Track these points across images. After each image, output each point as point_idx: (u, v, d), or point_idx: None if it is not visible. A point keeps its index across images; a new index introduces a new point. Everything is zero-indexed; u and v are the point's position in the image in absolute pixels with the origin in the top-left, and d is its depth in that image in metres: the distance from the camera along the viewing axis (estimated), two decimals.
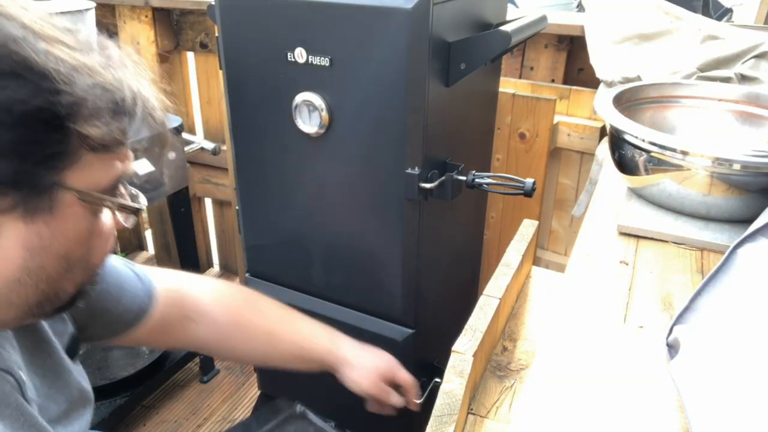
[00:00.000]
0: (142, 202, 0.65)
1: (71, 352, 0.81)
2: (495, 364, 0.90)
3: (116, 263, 0.92)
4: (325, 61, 1.05)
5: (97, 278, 0.69)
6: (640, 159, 1.03)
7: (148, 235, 2.86)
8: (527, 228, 1.10)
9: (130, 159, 0.61)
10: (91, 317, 0.87)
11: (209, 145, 2.00)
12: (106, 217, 0.62)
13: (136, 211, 0.64)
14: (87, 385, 0.82)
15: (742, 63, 1.43)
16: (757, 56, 1.43)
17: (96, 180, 0.58)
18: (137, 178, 0.68)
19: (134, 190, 0.65)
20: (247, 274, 1.43)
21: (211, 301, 1.04)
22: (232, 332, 1.05)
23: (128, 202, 0.63)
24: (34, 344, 0.74)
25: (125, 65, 0.59)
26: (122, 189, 0.63)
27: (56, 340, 0.78)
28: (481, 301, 0.88)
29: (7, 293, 0.57)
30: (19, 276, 0.57)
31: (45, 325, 0.76)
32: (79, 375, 0.81)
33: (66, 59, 0.53)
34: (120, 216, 0.64)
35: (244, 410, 2.02)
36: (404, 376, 1.15)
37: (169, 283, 1.00)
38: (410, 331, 1.27)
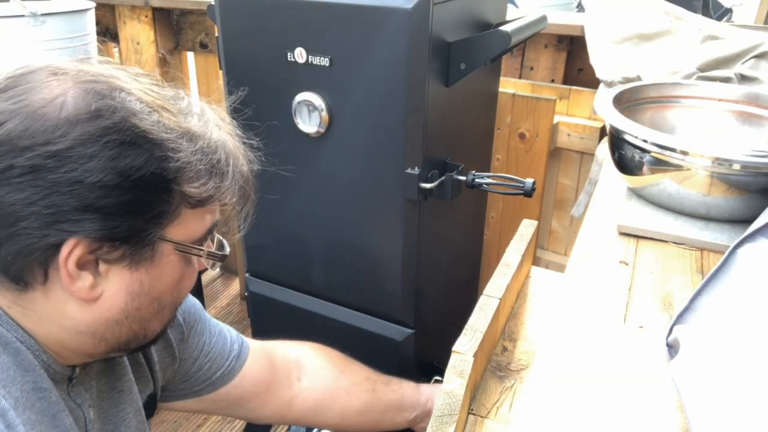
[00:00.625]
0: (227, 249, 0.71)
1: (147, 410, 0.82)
2: (495, 364, 0.90)
3: (204, 315, 0.92)
4: (325, 61, 1.05)
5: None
6: (640, 159, 1.03)
7: None
8: (527, 228, 1.10)
9: (217, 211, 0.69)
10: (178, 371, 0.87)
11: None
12: (195, 262, 0.69)
13: (223, 258, 0.70)
14: None
15: (742, 63, 1.44)
16: (757, 56, 1.43)
17: (191, 233, 0.65)
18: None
19: (219, 237, 0.71)
20: (247, 274, 1.43)
21: (310, 354, 1.02)
22: (339, 382, 1.02)
23: (215, 251, 0.69)
24: (108, 389, 0.75)
25: (218, 126, 0.67)
26: (210, 238, 0.69)
27: (136, 387, 0.78)
28: (481, 301, 0.88)
29: (104, 331, 0.64)
30: (119, 318, 0.63)
31: (129, 371, 0.77)
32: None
33: (173, 127, 0.61)
34: (208, 263, 0.70)
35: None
36: None
37: (260, 343, 0.98)
38: (410, 331, 1.27)
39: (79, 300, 0.60)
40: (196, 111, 0.66)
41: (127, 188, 0.57)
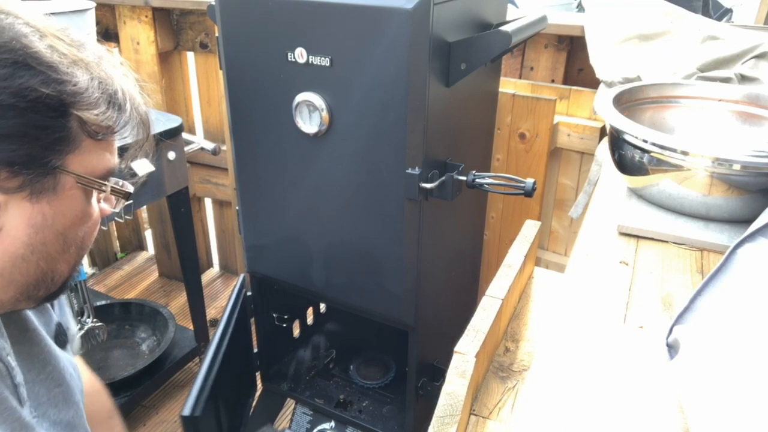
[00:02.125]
0: (130, 187, 0.70)
1: (59, 341, 0.82)
2: (497, 364, 0.90)
3: None
4: (325, 61, 1.05)
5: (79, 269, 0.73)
6: (640, 159, 1.03)
7: (148, 235, 2.86)
8: (530, 229, 1.11)
9: (116, 153, 0.68)
10: None
11: (209, 145, 2.00)
12: (96, 203, 0.69)
13: (127, 195, 0.69)
14: (75, 372, 0.82)
15: (742, 63, 1.44)
16: (757, 56, 1.43)
17: (92, 166, 0.64)
18: (136, 176, 0.72)
19: (120, 181, 0.70)
20: (247, 274, 1.43)
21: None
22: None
23: (119, 186, 0.68)
24: (20, 332, 0.74)
25: (114, 65, 0.66)
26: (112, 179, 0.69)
27: (43, 329, 0.79)
28: (484, 301, 0.88)
29: (11, 269, 0.62)
30: (23, 252, 0.62)
31: (31, 315, 0.77)
32: (69, 363, 0.81)
33: (67, 54, 0.60)
34: (109, 202, 0.70)
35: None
36: None
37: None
38: (410, 331, 1.27)
39: None
40: (93, 50, 0.65)
41: (22, 109, 0.56)
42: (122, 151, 0.71)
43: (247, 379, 1.45)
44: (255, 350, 1.55)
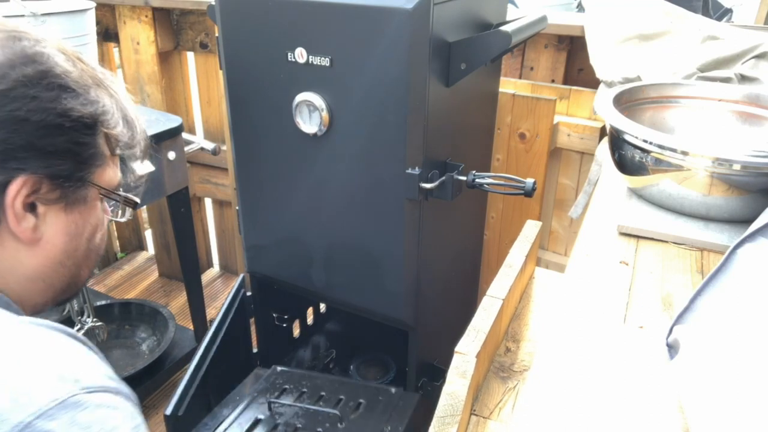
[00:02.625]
0: (137, 198, 0.77)
1: None
2: (498, 365, 0.90)
3: None
4: (325, 61, 1.05)
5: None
6: (640, 159, 1.03)
7: (148, 235, 2.86)
8: (530, 229, 1.11)
9: (119, 166, 0.74)
10: None
11: (209, 145, 2.00)
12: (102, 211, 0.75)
13: (135, 205, 0.76)
14: None
15: (742, 63, 1.44)
16: (757, 56, 1.43)
17: (109, 179, 0.70)
18: (139, 177, 0.81)
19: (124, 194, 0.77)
20: (246, 274, 1.43)
21: None
22: None
23: (131, 197, 0.75)
24: None
25: (119, 85, 0.72)
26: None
27: None
28: (485, 301, 0.88)
29: (51, 275, 0.67)
30: (62, 259, 0.67)
31: None
32: None
33: (92, 76, 0.66)
34: (116, 212, 0.76)
35: None
36: None
37: None
38: (410, 331, 1.27)
39: (25, 243, 0.63)
40: (102, 71, 0.71)
41: (67, 128, 0.61)
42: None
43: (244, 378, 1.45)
44: (255, 350, 1.55)
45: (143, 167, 0.79)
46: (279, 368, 1.34)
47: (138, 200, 0.77)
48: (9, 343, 0.54)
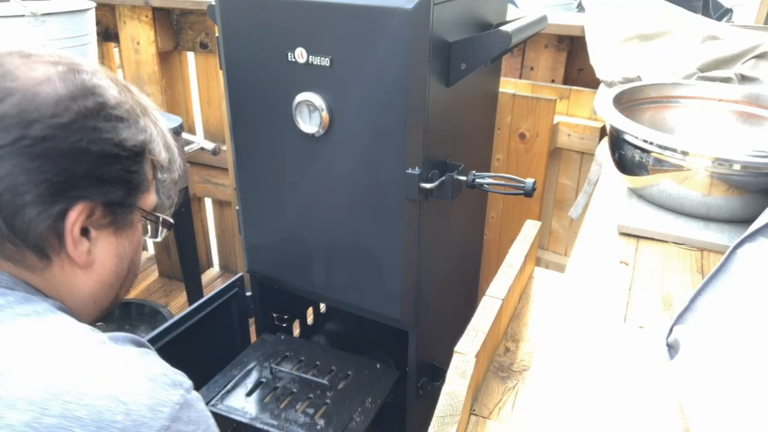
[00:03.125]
0: (172, 220, 0.80)
1: None
2: (497, 364, 0.90)
3: None
4: (325, 61, 1.05)
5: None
6: (641, 159, 1.03)
7: None
8: (530, 229, 1.11)
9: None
10: None
11: (209, 145, 2.00)
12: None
13: (170, 226, 0.79)
14: None
15: (742, 63, 1.44)
16: (757, 56, 1.43)
17: (151, 203, 0.73)
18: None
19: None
20: (247, 274, 1.43)
21: None
22: None
23: (168, 218, 0.78)
24: None
25: (155, 110, 0.74)
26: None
27: None
28: (484, 301, 0.88)
29: (102, 296, 0.70)
30: (112, 281, 0.70)
31: None
32: None
33: (141, 104, 0.70)
34: (153, 232, 0.79)
35: None
36: None
37: None
38: (410, 331, 1.27)
39: (81, 266, 0.66)
40: (142, 95, 0.73)
41: (121, 158, 0.65)
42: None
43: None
44: None
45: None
46: (282, 336, 1.50)
47: (173, 222, 0.80)
48: (109, 361, 0.57)
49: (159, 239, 0.80)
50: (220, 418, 1.26)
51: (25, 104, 0.59)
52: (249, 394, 1.31)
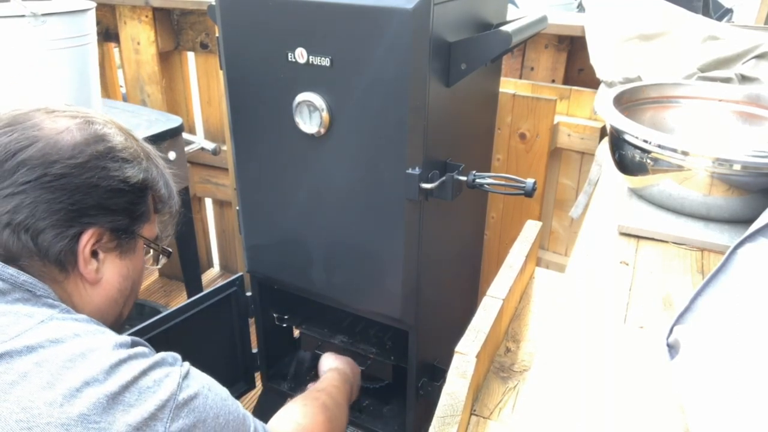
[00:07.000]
0: (170, 249, 0.94)
1: None
2: (498, 365, 0.90)
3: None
4: (325, 61, 1.05)
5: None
6: (641, 159, 1.03)
7: None
8: (530, 229, 1.10)
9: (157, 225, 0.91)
10: None
11: (209, 145, 2.00)
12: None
13: (169, 254, 0.94)
14: None
15: (743, 63, 1.44)
16: (757, 56, 1.43)
17: (152, 232, 0.87)
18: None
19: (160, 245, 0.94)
20: (247, 274, 1.43)
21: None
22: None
23: (167, 248, 0.93)
24: None
25: (153, 151, 0.87)
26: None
27: None
28: (485, 301, 0.88)
29: (107, 311, 0.82)
30: (116, 297, 0.82)
31: None
32: None
33: (143, 148, 0.84)
34: (155, 260, 0.92)
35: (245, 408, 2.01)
36: None
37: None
38: (410, 331, 1.27)
39: (90, 283, 0.78)
40: (141, 140, 0.86)
41: (126, 192, 0.78)
42: None
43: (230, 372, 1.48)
44: (255, 350, 1.55)
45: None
46: None
47: (171, 251, 0.94)
48: (136, 356, 0.68)
49: (158, 266, 0.93)
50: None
51: (47, 149, 0.72)
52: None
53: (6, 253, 0.72)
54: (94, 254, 0.77)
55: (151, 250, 0.89)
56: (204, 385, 0.71)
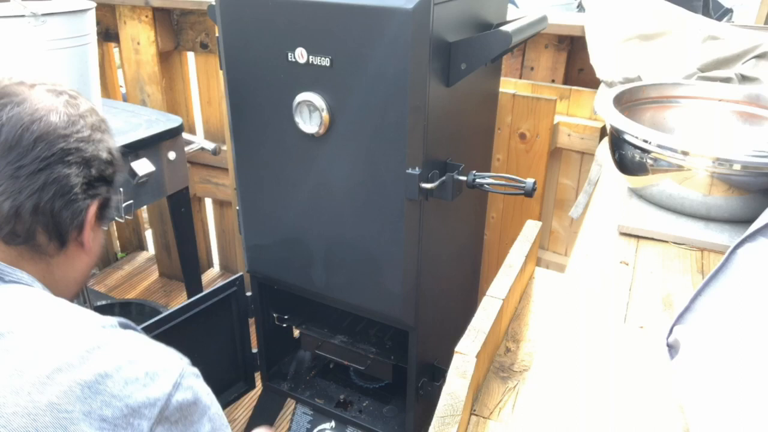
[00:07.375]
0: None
1: None
2: (498, 365, 0.90)
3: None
4: (325, 61, 1.05)
5: None
6: (641, 159, 1.03)
7: (149, 235, 2.86)
8: (530, 229, 1.10)
9: None
10: None
11: (209, 145, 2.00)
12: None
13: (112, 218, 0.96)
14: None
15: (743, 63, 1.44)
16: (757, 56, 1.43)
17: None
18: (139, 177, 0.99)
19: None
20: (247, 274, 1.43)
21: None
22: None
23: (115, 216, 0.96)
24: None
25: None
26: None
27: None
28: (485, 301, 0.88)
29: (85, 274, 0.84)
30: (92, 265, 0.84)
31: None
32: None
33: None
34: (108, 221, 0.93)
35: (245, 409, 2.02)
36: None
37: None
38: (410, 331, 1.27)
39: (85, 249, 0.80)
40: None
41: (112, 163, 0.80)
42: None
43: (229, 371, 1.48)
44: (255, 350, 1.55)
45: (144, 166, 0.93)
46: None
47: (122, 219, 0.99)
48: (125, 341, 0.67)
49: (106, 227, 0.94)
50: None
51: (57, 123, 0.73)
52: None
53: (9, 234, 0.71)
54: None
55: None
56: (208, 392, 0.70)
